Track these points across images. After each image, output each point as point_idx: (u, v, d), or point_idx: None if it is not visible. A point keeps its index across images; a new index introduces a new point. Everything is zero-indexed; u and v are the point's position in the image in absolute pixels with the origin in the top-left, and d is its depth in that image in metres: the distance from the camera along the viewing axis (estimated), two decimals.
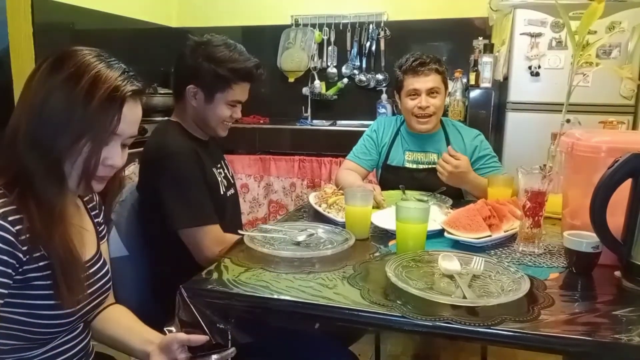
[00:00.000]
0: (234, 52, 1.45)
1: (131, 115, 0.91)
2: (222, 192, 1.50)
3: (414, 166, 1.98)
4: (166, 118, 1.61)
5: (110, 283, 1.04)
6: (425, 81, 1.88)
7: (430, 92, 1.88)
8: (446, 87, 1.96)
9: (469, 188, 1.83)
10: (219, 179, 1.51)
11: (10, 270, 0.81)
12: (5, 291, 0.81)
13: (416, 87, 1.88)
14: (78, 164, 0.87)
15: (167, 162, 1.35)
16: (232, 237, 1.36)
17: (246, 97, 1.52)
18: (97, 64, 0.88)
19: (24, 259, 0.83)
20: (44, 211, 0.84)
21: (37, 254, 0.85)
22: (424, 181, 1.93)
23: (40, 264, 0.85)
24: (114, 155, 0.91)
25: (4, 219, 0.80)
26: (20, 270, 0.83)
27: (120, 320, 1.07)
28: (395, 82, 2.01)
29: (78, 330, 0.99)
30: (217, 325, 0.99)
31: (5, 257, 0.80)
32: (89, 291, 0.95)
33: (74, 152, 0.86)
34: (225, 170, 1.60)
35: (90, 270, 0.98)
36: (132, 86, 0.90)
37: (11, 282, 0.82)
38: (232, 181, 1.62)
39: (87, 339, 1.03)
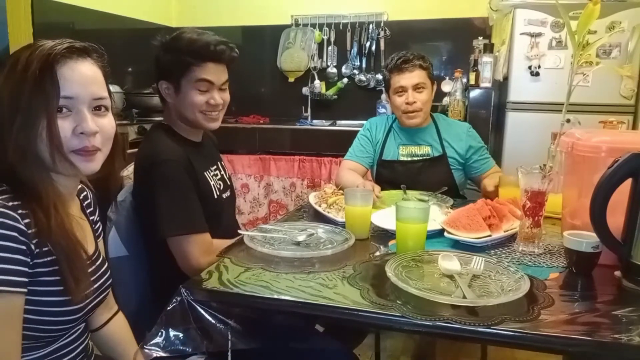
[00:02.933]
0: (194, 34, 1.38)
1: (73, 74, 0.87)
2: (216, 196, 1.45)
3: (409, 159, 2.04)
4: (158, 119, 1.58)
5: (111, 280, 1.05)
6: (411, 77, 1.93)
7: (416, 87, 1.94)
8: (432, 82, 2.00)
9: None
10: (212, 182, 1.46)
11: (28, 260, 0.82)
12: (27, 280, 0.82)
13: (402, 84, 1.94)
14: (45, 141, 0.85)
15: (157, 170, 1.31)
16: (221, 244, 1.32)
17: (219, 80, 1.41)
18: (37, 45, 0.87)
19: (35, 252, 0.83)
20: (38, 200, 0.84)
21: (45, 249, 0.85)
22: (419, 173, 1.99)
23: (48, 259, 0.85)
24: (81, 121, 0.87)
25: (15, 211, 0.80)
26: (31, 263, 0.83)
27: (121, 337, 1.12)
28: (384, 82, 2.09)
29: (79, 332, 0.99)
30: (217, 325, 0.99)
31: (23, 247, 0.80)
32: (94, 287, 0.96)
33: (35, 130, 0.84)
34: (222, 172, 1.56)
35: (94, 266, 0.99)
36: (65, 46, 0.87)
37: (29, 271, 0.82)
38: (229, 183, 1.58)
39: (87, 341, 1.03)
